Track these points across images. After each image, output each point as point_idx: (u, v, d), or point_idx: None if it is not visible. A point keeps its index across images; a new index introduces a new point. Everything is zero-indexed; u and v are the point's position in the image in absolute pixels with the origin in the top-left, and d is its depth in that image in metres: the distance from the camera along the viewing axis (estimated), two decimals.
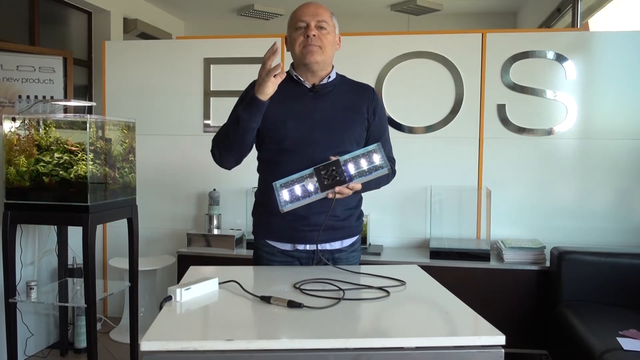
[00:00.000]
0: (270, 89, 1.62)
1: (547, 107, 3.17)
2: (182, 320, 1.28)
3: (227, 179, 3.18)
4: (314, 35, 1.72)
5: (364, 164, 1.63)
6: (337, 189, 1.61)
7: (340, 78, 1.87)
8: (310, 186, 1.62)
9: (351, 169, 1.62)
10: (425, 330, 1.21)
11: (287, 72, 1.84)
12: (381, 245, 3.24)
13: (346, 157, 1.63)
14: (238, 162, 1.81)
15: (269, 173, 1.81)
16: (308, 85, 1.80)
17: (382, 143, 1.70)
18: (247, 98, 1.68)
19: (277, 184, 1.62)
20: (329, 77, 1.82)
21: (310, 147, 1.72)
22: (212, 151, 1.81)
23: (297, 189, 1.62)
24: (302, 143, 1.72)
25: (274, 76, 1.60)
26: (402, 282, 1.56)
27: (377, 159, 1.63)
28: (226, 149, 1.77)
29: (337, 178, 1.61)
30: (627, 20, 4.07)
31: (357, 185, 1.64)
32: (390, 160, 1.85)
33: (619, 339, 2.09)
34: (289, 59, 1.86)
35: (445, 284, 1.56)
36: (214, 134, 1.82)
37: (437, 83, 3.26)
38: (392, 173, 1.85)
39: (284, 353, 1.09)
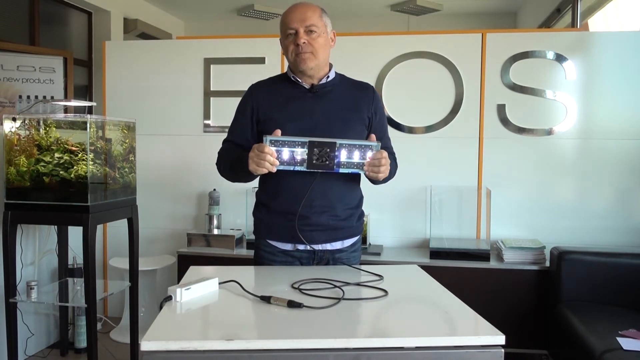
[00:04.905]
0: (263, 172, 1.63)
1: (547, 107, 3.17)
2: (182, 320, 1.28)
3: None
4: (304, 42, 1.72)
5: (356, 156, 1.61)
6: (372, 161, 1.61)
7: (340, 77, 1.87)
8: (299, 156, 1.59)
9: (342, 155, 1.60)
10: (425, 330, 1.21)
11: (285, 74, 1.85)
12: (381, 245, 3.25)
13: (344, 142, 1.60)
14: None
15: (269, 174, 1.82)
16: (307, 86, 1.80)
17: (383, 140, 1.71)
18: (244, 165, 1.65)
19: (268, 138, 1.58)
20: (328, 77, 1.82)
21: (311, 186, 1.72)
22: (217, 167, 1.88)
23: (285, 153, 1.59)
24: None
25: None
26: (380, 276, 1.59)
27: (369, 157, 1.62)
28: (230, 180, 1.87)
29: (327, 162, 1.59)
30: (627, 20, 4.07)
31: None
32: (391, 154, 1.85)
33: (619, 339, 2.09)
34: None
35: (445, 284, 1.56)
36: (214, 134, 1.83)
37: (437, 83, 3.26)
38: (395, 166, 1.86)
39: (284, 353, 1.09)
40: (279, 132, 1.61)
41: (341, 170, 1.62)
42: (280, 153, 1.59)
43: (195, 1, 6.05)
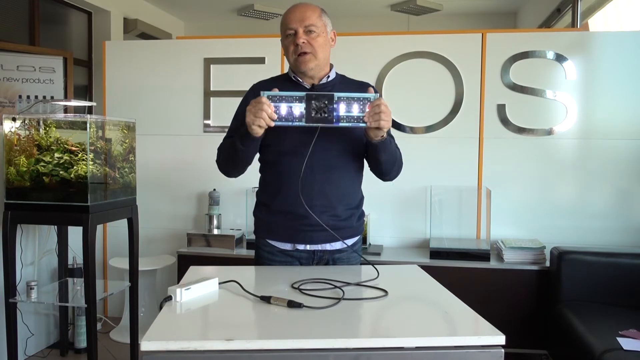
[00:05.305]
0: (259, 132, 1.60)
1: (547, 107, 3.17)
2: (182, 320, 1.28)
3: (227, 179, 3.15)
4: (303, 42, 1.72)
5: (355, 109, 1.57)
6: (371, 109, 1.55)
7: (340, 77, 1.88)
8: (297, 111, 1.56)
9: (341, 109, 1.56)
10: (425, 330, 1.21)
11: (287, 74, 1.85)
12: (381, 245, 3.25)
13: (342, 95, 1.57)
14: (242, 172, 1.85)
15: (269, 173, 1.83)
16: (307, 86, 1.80)
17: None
18: (242, 130, 1.64)
19: (266, 94, 1.56)
20: (328, 77, 1.82)
21: (310, 147, 1.72)
22: (217, 163, 1.86)
23: (283, 108, 1.56)
24: (302, 144, 1.71)
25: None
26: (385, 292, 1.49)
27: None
28: (229, 168, 1.84)
29: (326, 115, 1.56)
30: (627, 20, 4.07)
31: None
32: (397, 149, 1.85)
33: (619, 339, 2.09)
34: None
35: (445, 284, 1.56)
36: (214, 134, 1.83)
37: (437, 83, 3.26)
38: (401, 161, 1.85)
39: (284, 353, 1.09)
40: (276, 89, 1.59)
41: (341, 124, 1.58)
42: (278, 108, 1.56)
43: (195, 1, 6.05)
